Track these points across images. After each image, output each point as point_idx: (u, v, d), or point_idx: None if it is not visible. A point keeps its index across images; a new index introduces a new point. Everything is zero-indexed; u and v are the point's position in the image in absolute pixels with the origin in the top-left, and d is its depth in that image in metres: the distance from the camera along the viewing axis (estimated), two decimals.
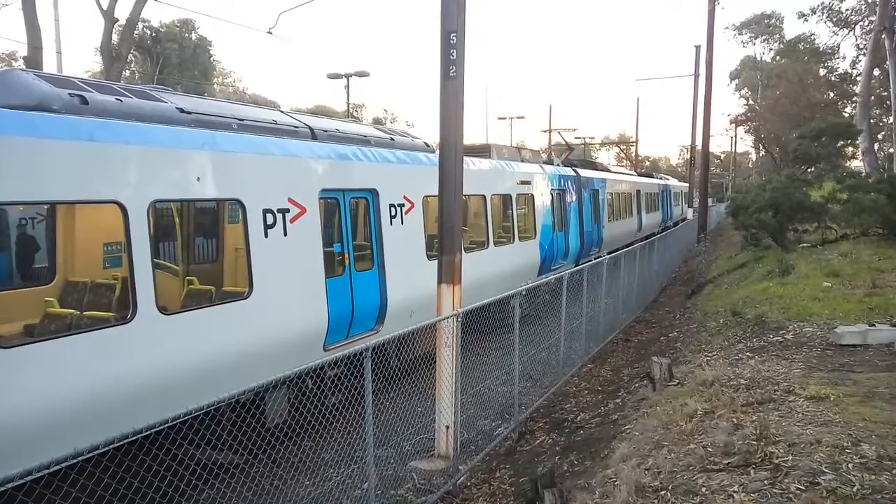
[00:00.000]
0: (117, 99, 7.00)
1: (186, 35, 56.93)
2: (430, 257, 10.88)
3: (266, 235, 7.87)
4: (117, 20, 26.62)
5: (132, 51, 46.94)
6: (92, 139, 6.21)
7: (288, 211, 8.25)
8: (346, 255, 9.48)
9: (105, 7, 25.94)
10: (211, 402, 4.33)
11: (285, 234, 8.17)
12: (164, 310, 6.62)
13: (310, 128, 9.64)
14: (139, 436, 3.88)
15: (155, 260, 6.67)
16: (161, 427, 4.04)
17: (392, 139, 11.69)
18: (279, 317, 8.00)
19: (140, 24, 44.36)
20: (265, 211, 7.89)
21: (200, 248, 8.62)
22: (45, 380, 5.54)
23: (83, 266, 7.85)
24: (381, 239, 10.10)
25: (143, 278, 6.38)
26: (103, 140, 6.31)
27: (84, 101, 6.60)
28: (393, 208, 10.43)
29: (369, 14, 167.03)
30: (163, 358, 6.53)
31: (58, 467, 3.42)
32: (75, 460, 3.53)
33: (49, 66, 24.71)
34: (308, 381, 5.98)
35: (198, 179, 7.20)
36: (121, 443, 3.71)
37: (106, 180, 6.30)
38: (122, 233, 6.33)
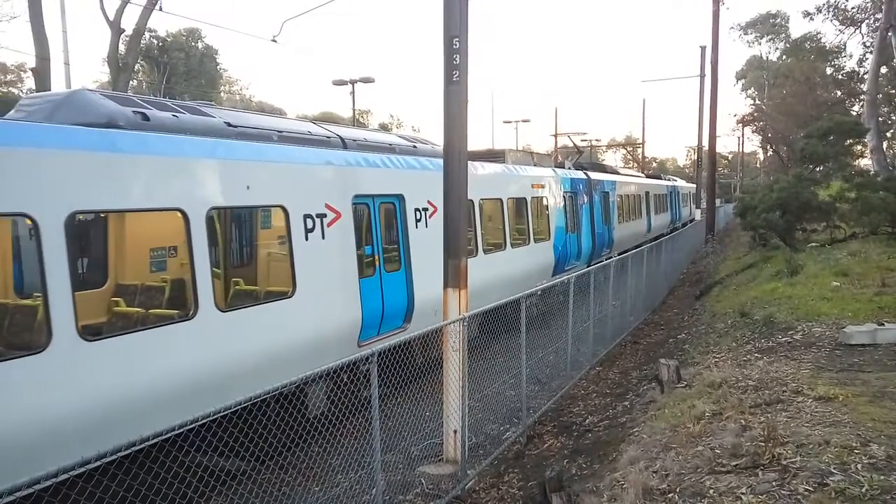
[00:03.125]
0: (174, 115, 7.72)
1: (193, 44, 57.36)
2: None
3: (307, 239, 8.50)
4: (124, 30, 26.83)
5: (139, 60, 47.30)
6: (158, 153, 6.84)
7: (325, 216, 8.87)
8: (377, 257, 10.05)
9: (111, 18, 26.16)
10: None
11: (323, 238, 8.79)
12: (220, 307, 7.20)
13: (341, 138, 10.32)
14: (145, 444, 3.90)
15: (212, 261, 7.24)
16: (167, 435, 4.06)
17: (415, 146, 12.39)
18: (320, 314, 8.61)
19: (147, 34, 44.72)
20: (305, 216, 8.52)
21: (250, 250, 9.22)
22: (123, 369, 6.14)
23: (151, 267, 8.45)
24: (408, 241, 10.65)
25: (202, 278, 6.97)
26: (169, 154, 6.96)
27: (146, 118, 7.27)
28: (418, 212, 10.99)
29: (373, 21, 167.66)
30: (221, 351, 7.13)
31: (65, 476, 3.44)
32: (84, 468, 3.55)
33: (57, 78, 24.86)
34: (343, 375, 6.30)
35: (247, 188, 7.81)
36: (127, 451, 3.73)
37: (170, 189, 6.90)
38: (183, 237, 6.95)
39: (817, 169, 26.00)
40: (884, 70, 36.05)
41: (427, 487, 7.37)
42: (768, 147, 73.03)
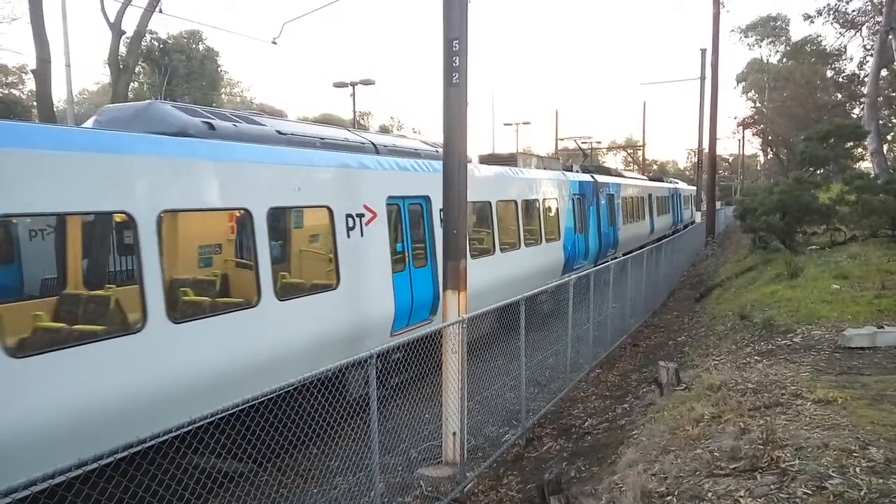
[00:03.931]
0: (234, 125, 8.57)
1: (194, 46, 57.33)
2: (472, 256, 12.07)
3: (348, 236, 9.31)
4: (124, 32, 26.86)
5: (140, 62, 47.34)
6: (229, 159, 7.67)
7: (363, 216, 9.67)
8: (406, 254, 10.80)
9: (112, 20, 26.19)
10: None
11: (362, 235, 9.60)
12: (279, 296, 7.97)
13: (373, 144, 11.19)
14: (142, 446, 3.89)
15: (271, 256, 7.98)
16: (164, 436, 4.06)
17: (437, 151, 12.86)
18: (360, 305, 9.34)
19: (147, 36, 44.78)
20: (347, 215, 9.32)
21: (301, 246, 9.82)
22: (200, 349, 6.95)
23: (224, 259, 9.20)
24: (434, 239, 11.30)
25: (264, 271, 7.79)
26: (237, 159, 7.77)
27: (212, 127, 8.07)
28: (442, 212, 11.12)
29: (373, 23, 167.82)
30: (278, 336, 7.89)
31: (62, 478, 3.43)
32: (80, 470, 3.55)
33: (58, 79, 24.93)
34: (378, 362, 6.67)
35: (298, 189, 8.62)
36: (124, 454, 3.72)
37: (239, 191, 7.72)
38: (249, 234, 7.76)
39: (817, 171, 26.04)
40: (884, 73, 36.06)
41: (426, 489, 7.37)
42: (768, 150, 73.12)
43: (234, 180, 7.68)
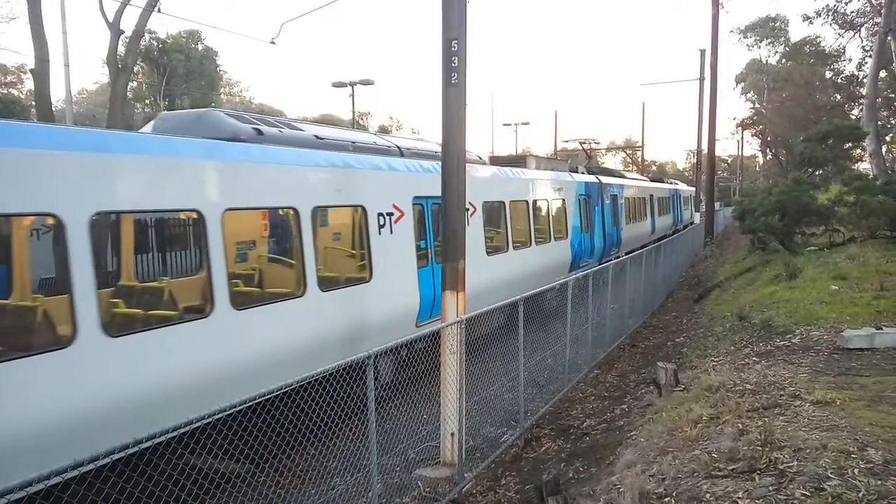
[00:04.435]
0: (279, 130, 9.26)
1: (193, 46, 57.30)
2: (487, 253, 13.39)
3: (380, 233, 9.98)
4: (123, 32, 26.81)
5: (139, 62, 47.28)
6: (280, 162, 8.41)
7: (392, 214, 10.31)
8: (429, 251, 11.45)
9: (111, 19, 26.15)
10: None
11: (391, 233, 10.25)
12: (321, 288, 8.66)
13: (398, 147, 11.87)
14: (138, 447, 3.88)
15: (315, 251, 8.67)
16: (161, 437, 4.04)
17: None
18: (390, 298, 9.98)
19: (146, 36, 44.72)
20: (379, 214, 9.99)
21: (339, 242, 10.53)
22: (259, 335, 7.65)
23: (269, 255, 9.97)
24: None
25: (308, 264, 8.50)
26: (286, 162, 8.52)
27: (260, 132, 8.75)
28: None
29: (372, 23, 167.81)
30: (320, 322, 8.60)
31: (58, 479, 3.42)
32: (76, 471, 3.53)
33: (56, 79, 24.86)
34: (403, 351, 7.69)
35: (339, 190, 9.34)
36: (120, 455, 3.71)
37: (288, 191, 8.42)
38: (296, 230, 8.44)
39: (816, 172, 26.04)
40: (883, 74, 36.09)
41: (424, 490, 7.35)
42: (767, 150, 73.22)
43: (285, 182, 8.43)
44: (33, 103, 30.80)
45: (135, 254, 8.70)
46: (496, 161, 17.28)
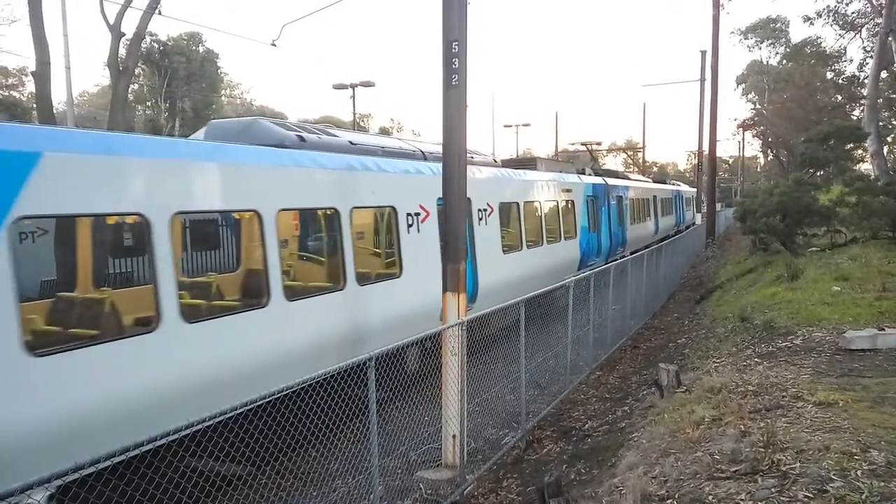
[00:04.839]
0: (319, 137, 9.93)
1: (194, 48, 57.30)
2: (504, 251, 14.07)
3: (408, 232, 10.64)
4: (124, 34, 26.83)
5: (140, 64, 47.31)
6: (323, 167, 9.11)
7: (419, 214, 10.96)
8: None
9: (112, 22, 26.17)
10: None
11: (419, 232, 10.89)
12: (359, 282, 9.38)
13: (422, 151, 12.54)
14: (139, 449, 3.87)
15: (353, 248, 9.41)
16: (161, 439, 4.03)
17: (472, 157, 14.41)
18: (418, 292, 10.47)
19: (147, 38, 44.73)
20: (407, 214, 10.64)
21: (373, 240, 11.33)
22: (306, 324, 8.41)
23: (311, 251, 10.79)
24: (474, 236, 12.70)
25: (348, 261, 9.20)
26: (328, 167, 9.21)
27: (303, 139, 9.43)
28: (480, 212, 13.13)
29: (373, 24, 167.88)
30: (358, 314, 9.29)
31: (58, 482, 3.41)
32: (77, 474, 3.52)
33: (58, 81, 24.90)
34: (428, 342, 7.99)
35: (373, 192, 10.03)
36: (121, 458, 3.70)
37: (330, 193, 9.12)
38: (337, 229, 9.17)
39: (818, 173, 26.01)
40: (884, 74, 36.04)
41: (426, 492, 7.34)
42: (769, 151, 73.13)
43: (328, 185, 9.14)
44: (34, 106, 30.84)
45: (205, 249, 9.70)
46: (507, 163, 17.75)
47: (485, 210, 13.29)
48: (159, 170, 6.83)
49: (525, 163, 18.66)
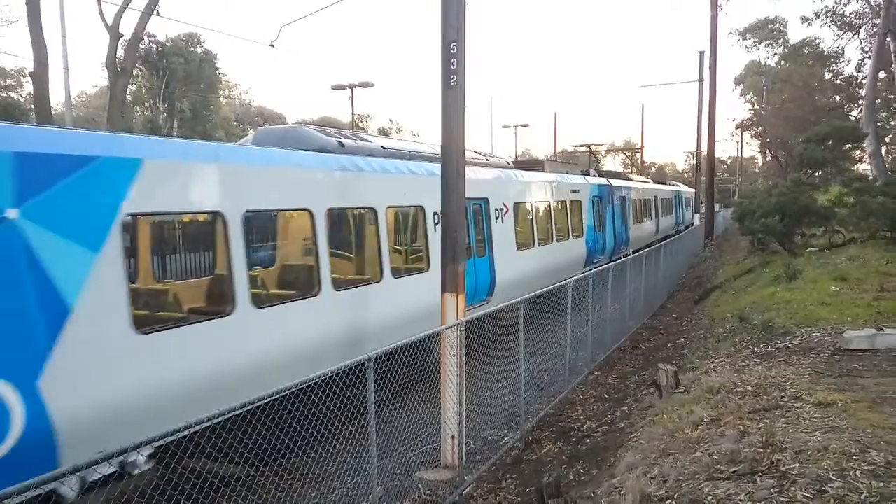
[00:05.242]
0: (355, 142, 10.63)
1: (192, 49, 57.17)
2: (518, 248, 14.69)
3: (434, 230, 11.07)
4: (122, 35, 26.83)
5: (138, 65, 47.27)
6: (363, 170, 9.83)
7: None
8: (471, 246, 12.37)
9: (110, 23, 26.17)
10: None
11: None
12: (394, 276, 10.17)
13: None
14: (138, 450, 3.86)
15: (389, 244, 10.15)
16: (160, 440, 4.02)
17: (487, 159, 15.75)
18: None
19: (145, 39, 44.71)
20: (434, 213, 11.00)
21: (405, 237, 11.85)
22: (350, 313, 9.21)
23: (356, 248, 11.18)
24: (491, 234, 13.43)
25: (385, 255, 10.02)
26: (368, 170, 9.93)
27: (342, 144, 10.15)
28: (497, 211, 13.82)
29: (372, 25, 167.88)
30: (393, 304, 10.02)
31: (57, 483, 3.40)
32: (76, 476, 3.51)
33: (56, 82, 24.85)
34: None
35: (404, 193, 10.82)
36: (120, 458, 3.69)
37: (367, 193, 9.87)
38: (375, 227, 9.94)
39: (816, 174, 26.02)
40: (882, 75, 36.04)
41: (424, 493, 7.33)
42: (767, 152, 73.22)
43: (368, 186, 9.84)
44: (33, 107, 30.81)
45: (269, 243, 10.52)
46: (516, 164, 18.33)
47: (501, 210, 13.95)
48: (232, 173, 7.65)
49: (533, 164, 19.38)
